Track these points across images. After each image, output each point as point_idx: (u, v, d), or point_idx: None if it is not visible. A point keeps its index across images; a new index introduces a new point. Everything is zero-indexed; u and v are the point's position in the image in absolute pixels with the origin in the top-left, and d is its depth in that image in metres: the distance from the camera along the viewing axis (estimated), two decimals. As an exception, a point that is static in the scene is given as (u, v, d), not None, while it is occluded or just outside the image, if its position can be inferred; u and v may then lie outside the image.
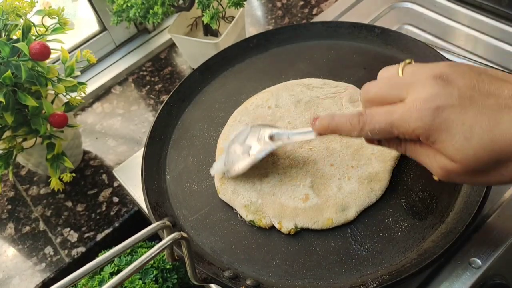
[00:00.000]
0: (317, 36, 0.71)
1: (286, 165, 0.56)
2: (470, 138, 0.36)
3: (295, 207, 0.53)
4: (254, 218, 0.54)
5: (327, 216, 0.52)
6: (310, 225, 0.52)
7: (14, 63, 0.62)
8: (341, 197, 0.53)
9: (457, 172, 0.38)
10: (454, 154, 0.37)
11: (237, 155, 0.55)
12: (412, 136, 0.38)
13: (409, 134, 0.38)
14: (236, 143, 0.56)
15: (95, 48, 0.96)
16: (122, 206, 0.78)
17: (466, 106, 0.36)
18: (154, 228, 0.40)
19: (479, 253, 0.52)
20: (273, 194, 0.54)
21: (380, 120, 0.40)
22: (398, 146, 0.42)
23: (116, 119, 0.91)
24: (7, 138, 0.67)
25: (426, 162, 0.40)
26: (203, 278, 0.48)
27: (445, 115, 0.36)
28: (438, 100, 0.37)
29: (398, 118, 0.38)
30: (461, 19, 0.82)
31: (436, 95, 0.37)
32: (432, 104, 0.37)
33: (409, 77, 0.40)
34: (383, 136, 0.41)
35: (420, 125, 0.37)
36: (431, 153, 0.39)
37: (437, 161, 0.39)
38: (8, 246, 0.77)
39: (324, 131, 0.46)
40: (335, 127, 0.44)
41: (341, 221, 0.51)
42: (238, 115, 0.64)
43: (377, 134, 0.41)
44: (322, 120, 0.45)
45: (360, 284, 0.46)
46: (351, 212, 0.52)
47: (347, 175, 0.54)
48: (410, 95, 0.38)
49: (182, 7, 0.86)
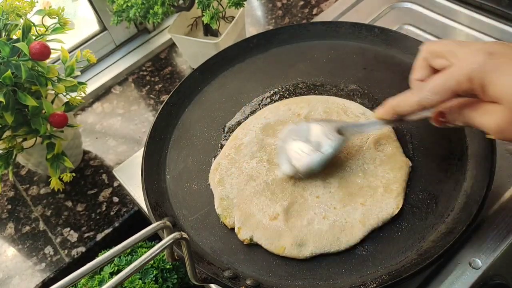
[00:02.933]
0: (317, 36, 0.71)
1: (277, 179, 0.55)
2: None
3: (260, 221, 0.52)
4: (222, 213, 0.54)
5: (282, 243, 0.50)
6: (264, 243, 0.51)
7: (14, 63, 0.62)
8: (304, 232, 0.50)
9: (509, 119, 0.39)
10: (503, 93, 0.39)
11: (305, 153, 0.53)
12: (468, 85, 0.40)
13: (466, 83, 0.40)
14: (297, 141, 0.54)
15: (95, 48, 0.96)
16: (122, 206, 0.78)
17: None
18: (154, 228, 0.40)
19: (479, 253, 0.52)
20: (249, 200, 0.54)
21: (437, 77, 0.42)
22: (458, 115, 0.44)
23: (116, 119, 0.91)
24: (7, 138, 0.67)
25: (482, 121, 0.42)
26: (203, 278, 0.48)
27: (497, 58, 0.39)
28: (492, 48, 0.40)
29: (454, 69, 0.41)
30: (461, 19, 0.82)
31: (490, 45, 0.40)
32: (486, 50, 0.40)
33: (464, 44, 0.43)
34: (441, 93, 0.42)
35: (474, 67, 0.39)
36: (485, 107, 0.41)
37: (490, 114, 0.40)
38: (8, 246, 0.77)
39: (387, 114, 0.48)
40: (396, 104, 0.47)
41: (292, 255, 0.50)
42: (267, 111, 0.63)
43: (436, 93, 0.42)
44: (382, 106, 0.48)
45: (360, 284, 0.46)
46: (306, 251, 0.50)
47: (325, 214, 0.51)
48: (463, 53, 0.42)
49: (182, 7, 0.86)
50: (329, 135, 0.52)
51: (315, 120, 0.58)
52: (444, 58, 0.44)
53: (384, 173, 0.53)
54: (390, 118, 0.49)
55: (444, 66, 0.44)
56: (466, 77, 0.40)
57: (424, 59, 0.47)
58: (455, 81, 0.41)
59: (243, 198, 0.55)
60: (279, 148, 0.56)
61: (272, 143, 0.59)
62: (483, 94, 0.40)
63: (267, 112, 0.63)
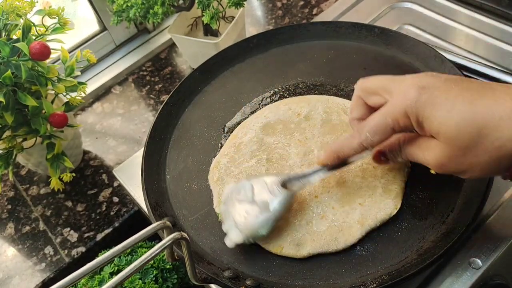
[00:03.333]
0: (317, 36, 0.71)
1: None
2: (452, 110, 0.37)
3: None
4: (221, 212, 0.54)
5: (280, 243, 0.50)
6: (261, 242, 0.51)
7: (14, 63, 0.62)
8: (302, 232, 0.50)
9: (447, 154, 0.39)
10: (438, 128, 0.39)
11: (254, 215, 0.49)
12: (405, 121, 0.41)
13: (402, 119, 0.41)
14: (242, 203, 0.50)
15: (95, 48, 0.96)
16: (122, 206, 0.78)
17: (451, 88, 0.39)
18: (154, 228, 0.40)
19: (479, 253, 0.52)
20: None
21: (374, 117, 0.43)
22: (398, 152, 0.45)
23: (116, 119, 0.91)
24: (7, 138, 0.67)
25: (421, 157, 0.42)
26: (203, 278, 0.48)
27: (430, 92, 0.39)
28: (424, 81, 0.40)
29: (389, 106, 0.42)
30: (461, 19, 0.82)
31: (422, 79, 0.40)
32: (418, 84, 0.40)
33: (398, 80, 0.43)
34: (381, 132, 0.43)
35: (408, 103, 0.39)
36: (423, 143, 0.42)
37: (429, 149, 0.41)
38: (8, 246, 0.77)
39: (329, 159, 0.48)
40: (338, 148, 0.47)
41: (290, 254, 0.50)
42: (267, 110, 0.63)
43: (375, 132, 0.43)
44: (324, 151, 0.49)
45: (360, 284, 0.46)
46: (304, 250, 0.50)
47: (323, 213, 0.51)
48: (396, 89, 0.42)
49: (182, 7, 0.86)
50: (274, 192, 0.50)
51: (255, 176, 0.55)
52: (378, 95, 0.44)
53: (383, 174, 0.53)
54: (332, 163, 0.49)
55: (380, 104, 0.44)
56: (401, 114, 0.40)
57: (359, 98, 0.47)
58: (392, 119, 0.41)
59: None
60: (223, 213, 0.52)
61: (271, 142, 0.59)
62: (421, 130, 0.40)
63: (267, 112, 0.63)
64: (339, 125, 0.59)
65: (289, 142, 0.58)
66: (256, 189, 0.51)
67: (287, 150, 0.57)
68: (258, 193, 0.50)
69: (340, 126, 0.59)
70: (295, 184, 0.51)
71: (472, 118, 0.37)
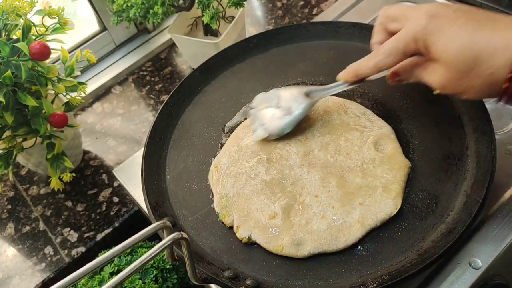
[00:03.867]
0: (317, 36, 0.71)
1: (276, 178, 0.55)
2: (454, 38, 0.41)
3: (258, 220, 0.52)
4: (221, 211, 0.55)
5: (280, 242, 0.50)
6: (262, 242, 0.51)
7: (14, 63, 0.62)
8: (303, 231, 0.51)
9: (447, 77, 0.43)
10: (440, 53, 0.43)
11: (277, 117, 0.57)
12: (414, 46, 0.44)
13: (412, 44, 0.44)
14: (269, 108, 0.58)
15: (95, 48, 0.96)
16: (122, 206, 0.78)
17: (459, 17, 0.42)
18: (154, 228, 0.40)
19: (479, 253, 0.52)
20: (248, 199, 0.54)
21: (389, 41, 0.47)
22: (410, 74, 0.49)
23: (116, 119, 0.91)
24: (7, 138, 0.67)
25: (427, 78, 0.47)
26: (203, 278, 0.48)
27: (438, 20, 0.42)
28: (435, 10, 0.43)
29: (402, 32, 0.45)
30: (461, 19, 0.82)
31: (434, 8, 0.43)
32: (429, 13, 0.43)
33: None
34: (394, 55, 0.46)
35: (418, 29, 0.43)
36: (429, 66, 0.45)
37: (433, 72, 0.45)
38: (8, 246, 0.77)
39: (348, 76, 0.53)
40: (357, 67, 0.51)
41: (290, 254, 0.50)
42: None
43: (389, 55, 0.47)
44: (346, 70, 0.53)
45: (360, 284, 0.46)
46: (304, 250, 0.50)
47: (323, 213, 0.51)
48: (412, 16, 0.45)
49: (182, 7, 0.86)
50: (298, 99, 0.57)
51: (282, 87, 0.61)
52: (397, 22, 0.48)
53: (383, 173, 0.53)
54: (352, 80, 0.53)
55: (398, 29, 0.47)
56: (411, 39, 0.44)
57: (381, 24, 0.51)
58: (403, 43, 0.45)
59: (242, 197, 0.55)
60: (252, 116, 0.60)
61: (272, 142, 0.59)
62: (428, 54, 0.44)
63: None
64: (339, 125, 0.59)
65: (289, 142, 0.58)
66: (283, 96, 0.58)
67: (287, 150, 0.57)
68: (284, 100, 0.58)
69: (340, 126, 0.59)
70: (317, 95, 0.57)
71: (470, 47, 0.41)
